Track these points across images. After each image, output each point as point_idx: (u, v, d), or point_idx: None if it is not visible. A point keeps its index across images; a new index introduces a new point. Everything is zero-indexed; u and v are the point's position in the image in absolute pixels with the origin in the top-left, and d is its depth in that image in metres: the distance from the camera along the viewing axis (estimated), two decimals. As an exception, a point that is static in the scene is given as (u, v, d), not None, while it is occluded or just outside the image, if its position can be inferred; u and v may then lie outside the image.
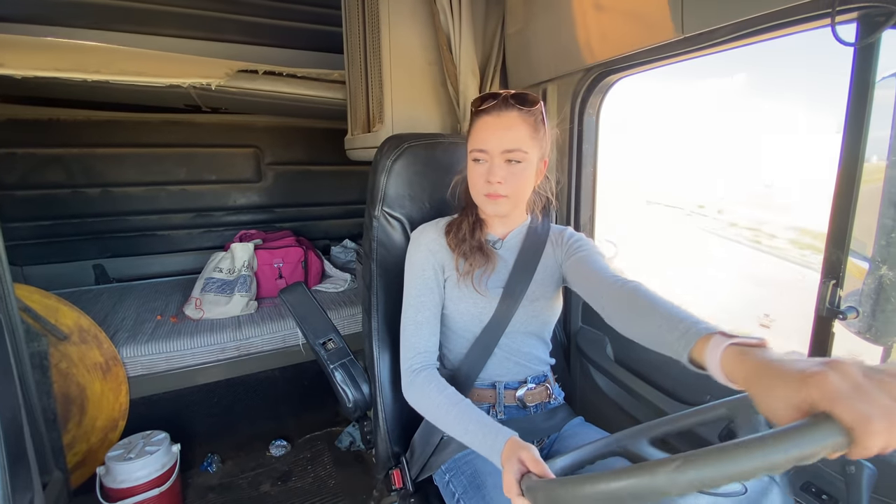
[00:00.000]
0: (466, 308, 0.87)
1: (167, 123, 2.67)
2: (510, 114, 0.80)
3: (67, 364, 1.62)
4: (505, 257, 0.91)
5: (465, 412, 0.75)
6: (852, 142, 0.68)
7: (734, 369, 0.49)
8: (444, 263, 0.89)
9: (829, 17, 0.64)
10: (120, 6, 2.40)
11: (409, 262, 0.91)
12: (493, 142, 0.80)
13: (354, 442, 2.00)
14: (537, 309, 0.90)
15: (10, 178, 2.35)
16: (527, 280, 0.89)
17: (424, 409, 0.82)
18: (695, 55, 0.91)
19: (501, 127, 0.80)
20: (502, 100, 0.81)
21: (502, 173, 0.80)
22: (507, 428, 0.70)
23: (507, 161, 0.81)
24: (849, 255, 0.69)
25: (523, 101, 0.81)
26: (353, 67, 1.67)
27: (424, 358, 0.85)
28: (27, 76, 1.37)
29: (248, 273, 2.27)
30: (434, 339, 0.88)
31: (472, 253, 0.86)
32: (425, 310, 0.87)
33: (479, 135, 0.82)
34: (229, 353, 1.99)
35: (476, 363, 0.88)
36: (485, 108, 0.82)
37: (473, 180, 0.84)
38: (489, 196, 0.82)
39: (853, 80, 0.67)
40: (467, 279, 0.86)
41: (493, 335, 0.87)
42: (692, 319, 0.59)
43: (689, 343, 0.56)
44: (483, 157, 0.81)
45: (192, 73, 1.55)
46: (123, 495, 1.45)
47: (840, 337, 0.72)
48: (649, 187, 7.46)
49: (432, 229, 0.92)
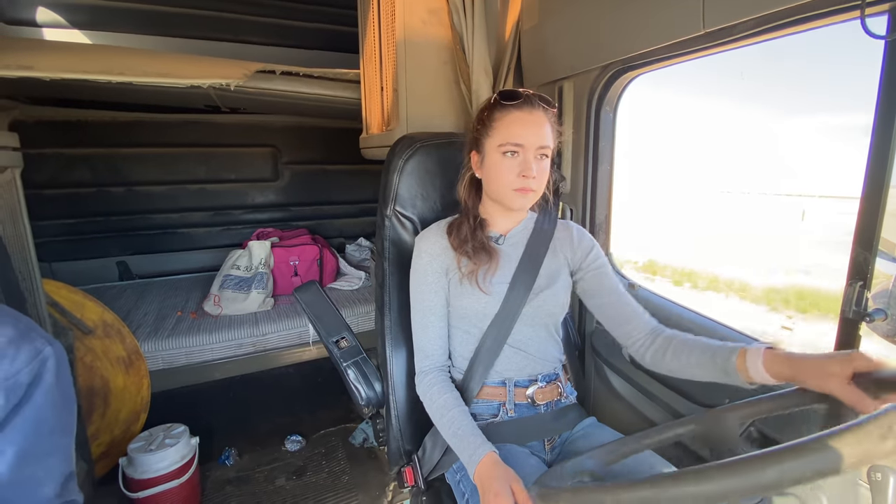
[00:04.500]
0: (471, 305, 0.87)
1: (188, 123, 2.73)
2: (538, 111, 0.81)
3: (92, 357, 1.67)
4: (509, 253, 0.91)
5: (454, 419, 0.80)
6: (882, 140, 0.65)
7: (780, 369, 0.63)
8: (448, 265, 0.89)
9: (858, 9, 0.61)
10: (144, 10, 2.46)
11: (413, 266, 0.92)
12: (529, 137, 0.80)
13: (368, 439, 2.02)
14: (542, 300, 0.90)
15: (40, 177, 2.44)
16: (533, 274, 0.89)
17: (427, 407, 0.87)
18: (716, 50, 0.88)
19: (535, 123, 0.81)
20: (530, 97, 0.82)
21: (536, 168, 0.81)
22: (488, 443, 0.74)
23: (538, 157, 0.82)
24: (877, 256, 0.67)
25: (548, 101, 0.83)
26: (368, 67, 1.68)
27: (431, 361, 0.89)
28: (56, 78, 1.41)
29: (264, 270, 2.31)
30: (441, 342, 0.90)
31: (476, 252, 0.86)
32: (430, 314, 0.89)
33: (512, 129, 0.81)
34: (246, 349, 2.03)
35: (486, 360, 0.88)
36: (516, 104, 0.81)
37: (502, 174, 0.83)
38: (521, 190, 0.82)
39: (884, 75, 0.64)
40: (471, 278, 0.86)
41: (502, 331, 0.87)
42: (722, 345, 0.72)
43: (733, 366, 0.69)
44: (518, 150, 0.81)
45: (212, 73, 1.58)
46: (145, 486, 1.49)
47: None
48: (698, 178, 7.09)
49: (433, 233, 0.92)
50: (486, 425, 0.87)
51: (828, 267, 4.07)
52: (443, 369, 0.89)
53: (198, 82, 1.55)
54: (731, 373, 0.69)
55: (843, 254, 0.68)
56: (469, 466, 0.74)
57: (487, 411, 0.90)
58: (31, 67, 1.38)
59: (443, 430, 0.82)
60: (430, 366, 0.89)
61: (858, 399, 0.52)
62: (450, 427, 0.80)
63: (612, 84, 1.15)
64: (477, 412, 0.90)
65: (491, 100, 0.86)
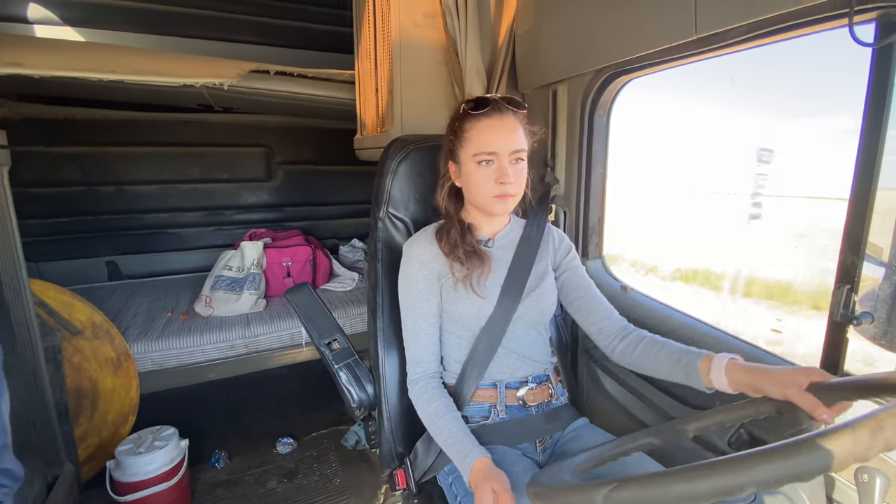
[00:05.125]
0: (465, 309, 0.87)
1: (180, 123, 2.71)
2: (509, 116, 0.82)
3: (80, 359, 1.65)
4: (499, 256, 0.92)
5: (446, 425, 0.80)
6: (869, 145, 0.66)
7: (740, 378, 0.67)
8: (440, 271, 0.89)
9: (846, 17, 0.62)
10: (137, 8, 2.44)
11: (402, 273, 0.91)
12: (502, 143, 0.81)
13: (360, 441, 2.01)
14: (534, 300, 0.91)
15: (28, 175, 2.40)
16: (525, 276, 0.90)
17: (420, 413, 0.87)
18: (708, 56, 0.89)
19: (507, 128, 0.82)
20: (498, 103, 0.82)
21: (513, 173, 0.81)
22: (480, 448, 0.76)
23: (513, 161, 0.82)
24: (864, 259, 0.68)
25: (517, 104, 0.84)
26: (363, 68, 1.68)
27: (423, 368, 0.89)
28: (45, 76, 1.40)
29: (257, 271, 2.29)
30: (433, 348, 0.90)
31: (468, 257, 0.86)
32: (421, 320, 0.88)
33: (484, 137, 0.82)
34: (238, 351, 2.01)
35: (480, 363, 0.88)
36: (485, 112, 0.82)
37: (479, 183, 0.83)
38: (500, 197, 0.83)
39: (871, 82, 0.66)
40: (466, 282, 0.86)
41: (496, 334, 0.87)
42: (690, 350, 0.76)
43: (694, 368, 0.73)
44: (492, 158, 0.81)
45: (205, 73, 1.57)
46: (133, 489, 1.47)
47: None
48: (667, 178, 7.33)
49: (422, 239, 0.91)
50: (478, 428, 0.87)
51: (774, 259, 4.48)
52: (434, 376, 0.89)
53: (191, 81, 1.54)
54: (693, 375, 0.74)
55: (782, 246, 0.72)
56: (462, 472, 0.75)
57: (478, 413, 0.90)
58: (20, 64, 1.37)
59: (436, 437, 0.83)
60: (421, 373, 0.89)
61: (813, 405, 0.56)
62: (441, 434, 0.81)
63: (605, 88, 1.16)
64: (468, 415, 0.90)
65: (460, 109, 0.86)
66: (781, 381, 0.61)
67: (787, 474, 0.37)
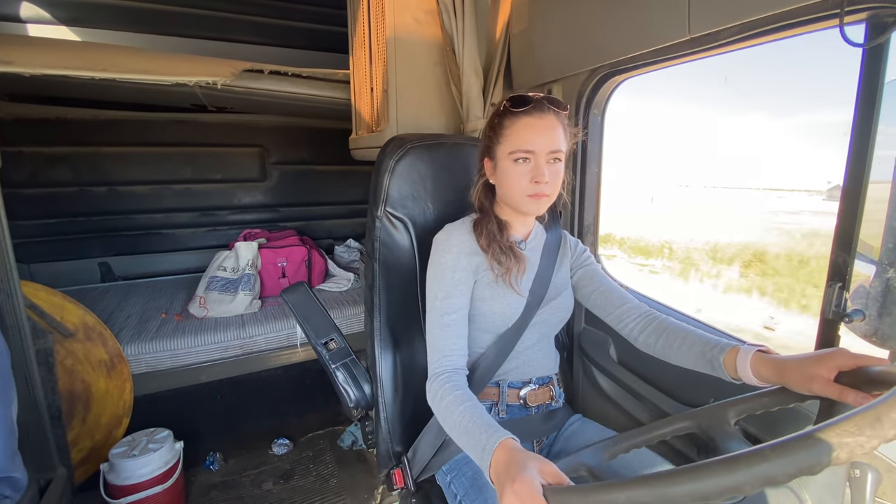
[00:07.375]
0: (500, 308, 0.86)
1: (173, 122, 2.69)
2: (549, 115, 0.80)
3: (73, 361, 1.63)
4: (530, 258, 0.91)
5: (468, 411, 0.71)
6: (860, 144, 0.67)
7: (766, 372, 0.66)
8: (478, 264, 0.87)
9: (837, 17, 0.63)
10: (130, 7, 2.42)
11: (436, 262, 0.87)
12: (540, 142, 0.79)
13: (356, 441, 2.00)
14: (553, 307, 0.91)
15: (18, 176, 2.37)
16: (547, 282, 0.90)
17: (437, 410, 0.79)
18: (701, 56, 0.90)
19: (546, 128, 0.80)
20: (540, 101, 0.81)
21: (549, 173, 0.80)
22: (504, 431, 0.65)
23: (550, 161, 0.81)
24: (855, 257, 0.69)
25: (559, 104, 0.82)
26: (358, 67, 1.68)
27: (450, 362, 0.81)
28: (36, 74, 1.38)
29: (251, 272, 2.28)
30: (461, 342, 0.84)
31: (506, 254, 0.85)
32: (453, 312, 0.83)
33: (523, 135, 0.80)
34: (233, 352, 2.00)
35: (494, 361, 0.87)
36: (525, 109, 0.81)
37: (514, 181, 0.82)
38: (534, 196, 0.81)
39: (861, 82, 0.66)
40: (506, 278, 0.85)
41: (515, 334, 0.87)
42: (716, 340, 0.75)
43: (719, 362, 0.72)
44: (529, 157, 0.80)
45: (199, 72, 1.56)
46: (127, 492, 1.45)
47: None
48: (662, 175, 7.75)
49: (461, 230, 0.89)
50: None
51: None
52: (459, 372, 0.81)
53: (184, 80, 1.53)
54: (718, 367, 0.72)
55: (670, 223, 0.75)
56: (483, 456, 0.64)
57: None
58: (10, 63, 1.35)
59: (452, 427, 0.73)
60: (448, 366, 0.80)
61: (842, 393, 0.55)
62: (461, 421, 0.71)
63: (600, 87, 1.16)
64: None
65: (501, 106, 0.84)
66: (803, 375, 0.59)
67: (787, 472, 0.37)
